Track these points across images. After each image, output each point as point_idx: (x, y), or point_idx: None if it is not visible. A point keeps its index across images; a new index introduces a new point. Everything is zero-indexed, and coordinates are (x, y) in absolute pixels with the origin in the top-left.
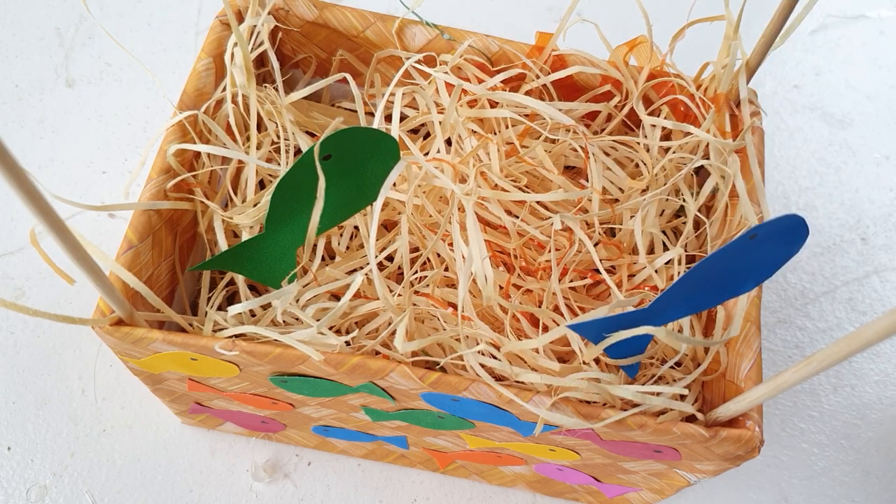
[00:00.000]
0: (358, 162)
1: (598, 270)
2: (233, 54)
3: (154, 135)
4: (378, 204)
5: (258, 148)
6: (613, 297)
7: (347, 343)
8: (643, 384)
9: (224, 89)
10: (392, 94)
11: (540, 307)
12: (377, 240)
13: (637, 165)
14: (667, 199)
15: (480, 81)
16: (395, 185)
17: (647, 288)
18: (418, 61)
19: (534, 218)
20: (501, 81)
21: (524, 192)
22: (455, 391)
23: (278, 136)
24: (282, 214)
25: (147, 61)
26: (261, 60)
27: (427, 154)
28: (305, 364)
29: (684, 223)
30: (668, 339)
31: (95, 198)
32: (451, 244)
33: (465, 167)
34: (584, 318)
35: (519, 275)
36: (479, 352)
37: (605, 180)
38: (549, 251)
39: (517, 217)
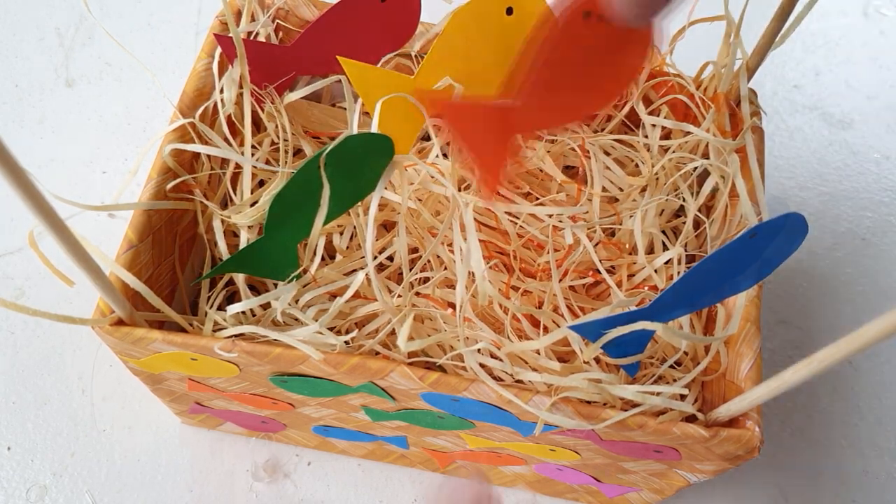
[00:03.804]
0: (355, 163)
1: (598, 270)
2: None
3: (154, 135)
4: (373, 209)
5: (259, 146)
6: (614, 296)
7: (347, 343)
8: (643, 384)
9: (222, 91)
10: None
11: (539, 307)
12: (377, 239)
13: (637, 165)
14: (666, 199)
15: None
16: (394, 186)
17: (646, 287)
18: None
19: (533, 220)
20: None
21: (524, 195)
22: (455, 391)
23: (278, 137)
24: (281, 218)
25: (147, 61)
26: None
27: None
28: (305, 364)
29: (684, 223)
30: (667, 335)
31: (95, 198)
32: (450, 245)
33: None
34: (585, 319)
35: (518, 277)
36: (478, 350)
37: (605, 180)
38: (549, 252)
39: (517, 218)
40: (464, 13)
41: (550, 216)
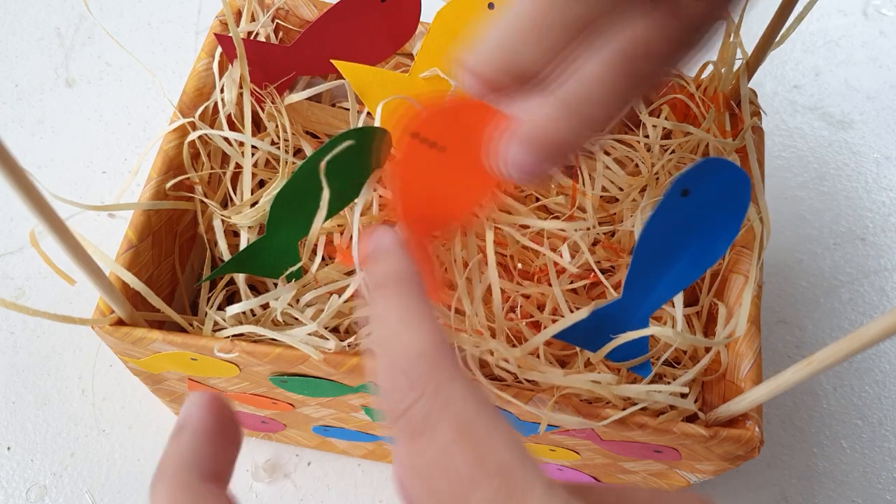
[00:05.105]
0: (353, 158)
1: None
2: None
3: (154, 135)
4: (357, 209)
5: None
6: (610, 298)
7: (348, 344)
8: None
9: (222, 90)
10: None
11: (539, 309)
12: None
13: (637, 165)
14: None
15: None
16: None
17: None
18: None
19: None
20: None
21: (523, 197)
22: None
23: (278, 136)
24: (282, 216)
25: (147, 61)
26: None
27: None
28: (305, 364)
29: None
30: (674, 337)
31: (95, 198)
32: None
33: None
34: (563, 323)
35: (518, 282)
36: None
37: (605, 179)
38: (546, 253)
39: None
40: (448, 12)
41: (547, 218)
